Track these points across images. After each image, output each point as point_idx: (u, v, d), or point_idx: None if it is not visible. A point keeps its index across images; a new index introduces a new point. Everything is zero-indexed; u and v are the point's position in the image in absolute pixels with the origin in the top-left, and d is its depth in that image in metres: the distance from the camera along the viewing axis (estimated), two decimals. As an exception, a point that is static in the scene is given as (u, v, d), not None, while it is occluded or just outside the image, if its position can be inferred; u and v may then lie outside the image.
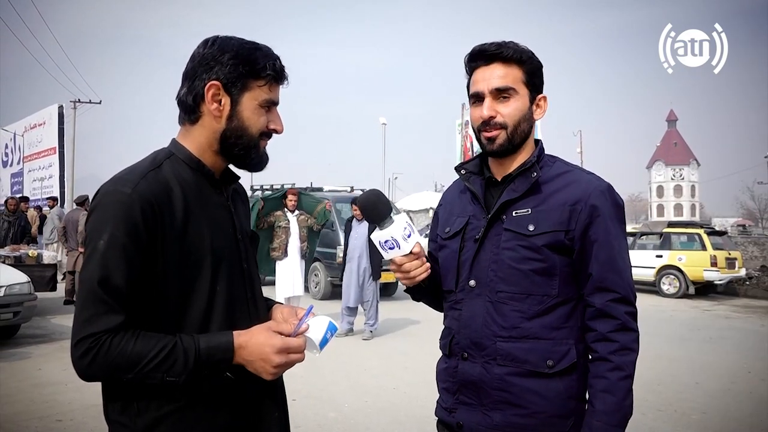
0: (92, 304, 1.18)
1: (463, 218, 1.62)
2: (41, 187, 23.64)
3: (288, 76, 1.40)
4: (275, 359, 1.25)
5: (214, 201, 1.37)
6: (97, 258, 1.19)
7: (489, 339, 1.51)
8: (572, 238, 1.48)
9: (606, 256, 1.48)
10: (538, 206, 1.51)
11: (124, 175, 1.28)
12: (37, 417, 4.47)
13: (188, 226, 1.27)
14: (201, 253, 1.29)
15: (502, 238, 1.52)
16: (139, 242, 1.20)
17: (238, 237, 1.41)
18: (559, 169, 1.57)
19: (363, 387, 5.55)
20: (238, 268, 1.39)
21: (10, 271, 7.48)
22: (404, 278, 1.54)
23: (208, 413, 1.29)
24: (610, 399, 1.43)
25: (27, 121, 25.83)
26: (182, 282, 1.26)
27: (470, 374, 1.54)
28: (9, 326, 7.06)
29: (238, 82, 1.32)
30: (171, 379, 1.19)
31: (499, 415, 1.49)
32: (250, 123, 1.34)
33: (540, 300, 1.49)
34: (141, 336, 1.19)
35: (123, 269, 1.18)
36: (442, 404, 1.64)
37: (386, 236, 1.48)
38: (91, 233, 1.22)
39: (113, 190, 1.24)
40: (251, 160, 1.39)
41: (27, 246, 9.71)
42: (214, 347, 1.23)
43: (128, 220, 1.19)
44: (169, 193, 1.27)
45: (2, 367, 5.96)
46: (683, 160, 78.73)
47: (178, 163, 1.35)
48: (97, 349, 1.16)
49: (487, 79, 1.52)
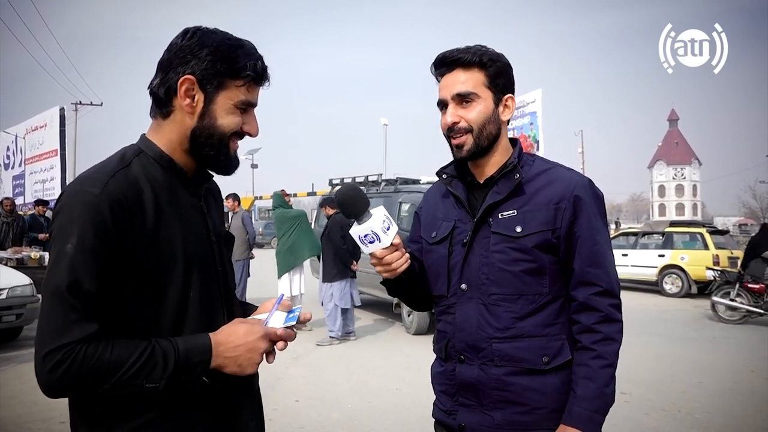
0: (61, 312, 1.09)
1: (449, 222, 1.63)
2: (43, 189, 23.60)
3: (270, 77, 1.33)
4: (262, 345, 1.23)
5: (186, 202, 1.31)
6: (65, 262, 1.11)
7: (485, 341, 1.53)
8: (559, 237, 1.51)
9: (588, 251, 1.50)
10: (523, 207, 1.53)
11: (92, 174, 1.20)
12: (40, 419, 4.48)
13: (160, 229, 1.21)
14: (173, 257, 1.22)
15: (491, 241, 1.54)
16: (109, 245, 1.13)
17: (212, 239, 1.35)
18: (540, 168, 1.59)
19: (366, 388, 5.55)
20: (213, 271, 1.33)
21: (13, 273, 7.49)
22: (385, 271, 1.53)
23: (187, 424, 1.23)
24: (591, 386, 1.45)
25: (28, 123, 25.79)
26: (154, 287, 1.20)
27: (468, 376, 1.55)
28: (11, 328, 7.08)
29: (214, 79, 1.25)
30: (151, 386, 1.13)
31: (500, 414, 1.51)
32: (222, 122, 1.27)
33: (532, 299, 1.51)
34: (116, 344, 1.12)
35: (93, 273, 1.11)
36: (440, 407, 1.66)
37: (366, 230, 1.47)
38: (58, 236, 1.14)
39: (80, 190, 1.16)
40: (220, 161, 1.32)
41: (29, 248, 9.71)
42: (192, 348, 1.18)
43: (97, 222, 1.12)
44: (139, 193, 1.20)
45: (5, 370, 5.98)
46: (685, 159, 78.62)
47: (148, 161, 1.27)
48: (71, 361, 1.08)
49: (448, 86, 1.55)
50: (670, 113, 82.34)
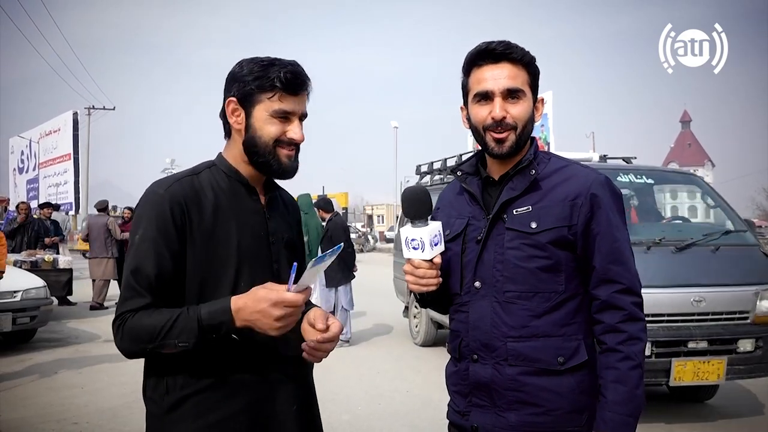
0: (126, 289, 1.36)
1: (462, 220, 1.61)
2: (56, 193, 23.91)
3: (306, 84, 1.47)
4: (273, 312, 1.28)
5: (248, 206, 1.49)
6: (133, 250, 1.37)
7: (499, 340, 1.50)
8: (575, 233, 1.48)
9: (609, 248, 1.48)
10: (538, 203, 1.51)
11: (165, 178, 1.45)
12: (54, 420, 4.50)
13: (216, 227, 1.41)
14: (227, 252, 1.41)
15: (506, 237, 1.52)
16: (168, 237, 1.36)
17: (271, 240, 1.51)
18: (556, 165, 1.57)
19: (376, 390, 5.55)
20: (268, 269, 1.48)
21: (27, 275, 7.58)
22: (414, 283, 1.52)
23: (227, 398, 1.40)
24: (621, 389, 1.42)
25: (42, 128, 26.16)
26: (206, 276, 1.39)
27: (482, 376, 1.53)
28: (26, 330, 7.14)
29: (250, 96, 1.43)
30: (182, 345, 1.31)
31: (515, 415, 1.48)
32: (262, 133, 1.44)
33: (547, 297, 1.49)
34: (156, 311, 1.33)
35: (152, 260, 1.34)
36: (454, 408, 1.63)
37: (416, 235, 1.47)
38: (132, 228, 1.41)
39: (151, 191, 1.42)
40: (272, 167, 1.47)
41: (43, 251, 9.81)
42: (214, 311, 1.32)
43: (159, 218, 1.36)
44: (200, 195, 1.42)
45: (19, 371, 6.02)
46: (698, 161, 77.84)
47: (218, 172, 1.49)
48: (123, 325, 1.33)
49: (496, 79, 1.50)
50: (683, 114, 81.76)
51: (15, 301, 6.77)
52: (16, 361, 6.43)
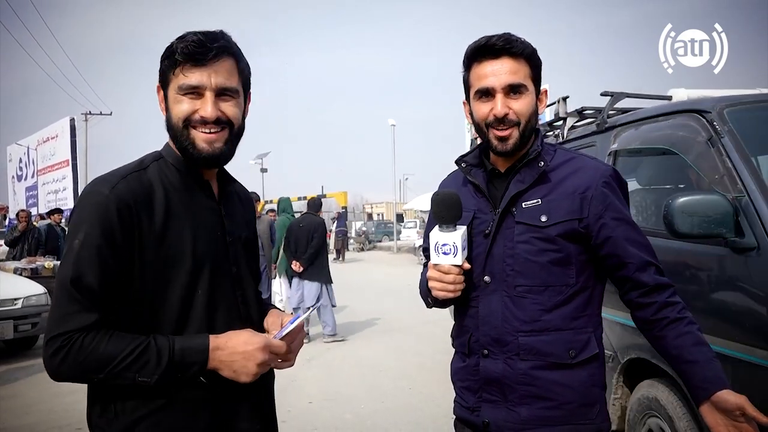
0: (65, 302, 1.17)
1: (468, 213, 1.57)
2: (56, 199, 23.92)
3: (210, 50, 1.26)
4: (260, 356, 1.23)
5: (202, 204, 1.34)
6: (72, 257, 1.18)
7: (511, 334, 1.49)
8: (586, 226, 1.48)
9: (632, 236, 1.50)
10: (547, 196, 1.50)
11: (106, 176, 1.26)
12: (57, 426, 4.51)
13: (168, 229, 1.25)
14: (180, 256, 1.25)
15: (516, 231, 1.50)
16: (114, 243, 1.18)
17: (228, 240, 1.37)
18: (563, 157, 1.56)
19: (379, 388, 5.54)
20: (226, 272, 1.35)
21: (27, 283, 7.56)
22: (442, 289, 1.49)
23: (187, 418, 1.26)
24: (705, 348, 1.44)
25: (40, 134, 26.17)
26: (159, 284, 1.23)
27: (493, 371, 1.51)
28: (27, 337, 7.14)
29: (164, 76, 1.30)
30: (143, 380, 1.17)
31: (526, 409, 1.48)
32: (172, 113, 1.29)
33: (559, 290, 1.48)
34: (114, 336, 1.17)
35: (96, 269, 1.17)
36: (462, 403, 1.62)
37: (448, 239, 1.44)
38: (69, 232, 1.22)
39: (92, 191, 1.23)
40: (189, 153, 1.30)
41: (43, 258, 9.80)
42: (188, 348, 1.20)
43: (103, 221, 1.18)
44: (150, 194, 1.25)
45: (22, 378, 6.03)
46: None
47: (166, 165, 1.33)
48: (68, 348, 1.14)
49: (497, 74, 1.48)
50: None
51: (16, 308, 6.76)
52: (18, 369, 6.43)
